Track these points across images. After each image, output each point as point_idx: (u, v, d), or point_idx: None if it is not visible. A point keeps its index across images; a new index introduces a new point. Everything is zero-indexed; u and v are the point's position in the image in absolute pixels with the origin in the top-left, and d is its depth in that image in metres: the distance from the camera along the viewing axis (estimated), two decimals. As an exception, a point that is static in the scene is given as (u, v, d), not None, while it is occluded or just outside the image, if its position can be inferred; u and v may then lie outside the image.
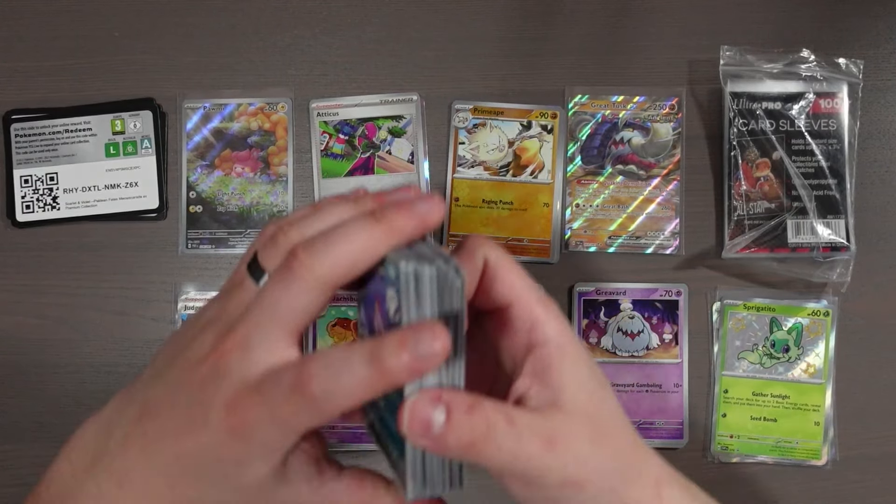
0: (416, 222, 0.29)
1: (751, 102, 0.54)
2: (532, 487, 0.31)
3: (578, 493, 0.31)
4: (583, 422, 0.32)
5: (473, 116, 0.55)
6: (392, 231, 0.29)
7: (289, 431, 0.28)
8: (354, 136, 0.54)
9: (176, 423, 0.30)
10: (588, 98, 0.55)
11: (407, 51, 0.55)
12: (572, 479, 0.30)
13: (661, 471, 0.33)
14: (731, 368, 0.53)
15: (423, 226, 0.29)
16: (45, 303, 0.53)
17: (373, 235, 0.28)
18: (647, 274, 0.54)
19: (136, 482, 0.31)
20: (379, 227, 0.28)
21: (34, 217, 0.54)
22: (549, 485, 0.30)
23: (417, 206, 0.29)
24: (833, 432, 0.53)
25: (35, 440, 0.53)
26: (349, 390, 0.26)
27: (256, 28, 0.55)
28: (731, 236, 0.53)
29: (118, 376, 0.53)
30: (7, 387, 0.53)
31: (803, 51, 0.54)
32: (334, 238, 0.28)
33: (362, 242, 0.28)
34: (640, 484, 0.33)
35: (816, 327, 0.53)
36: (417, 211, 0.29)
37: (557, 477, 0.30)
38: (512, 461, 0.29)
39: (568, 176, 0.55)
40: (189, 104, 0.55)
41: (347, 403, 0.26)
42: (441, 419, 0.27)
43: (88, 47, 0.55)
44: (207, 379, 0.29)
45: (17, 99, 0.54)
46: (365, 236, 0.28)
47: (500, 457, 0.29)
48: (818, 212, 0.53)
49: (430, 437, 0.27)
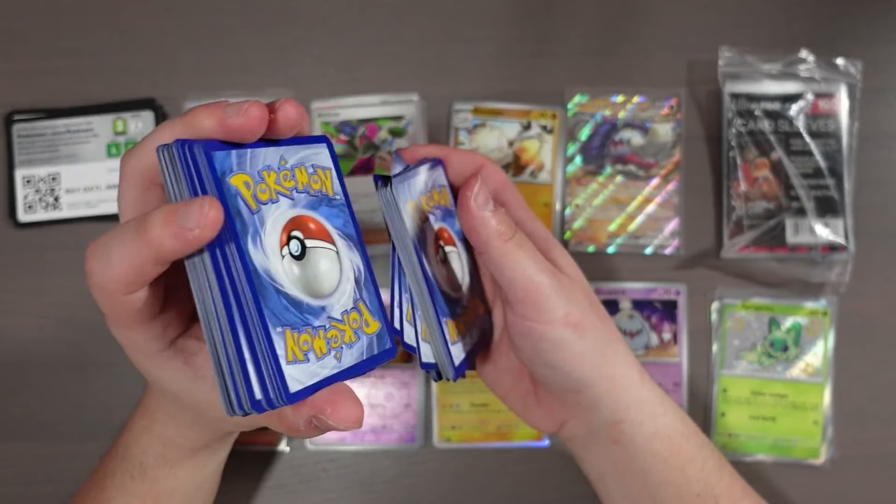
0: (214, 120, 0.28)
1: (749, 103, 0.54)
2: (541, 320, 0.34)
3: (579, 339, 0.35)
4: (581, 287, 0.38)
5: (473, 117, 0.55)
6: (188, 124, 0.28)
7: (112, 320, 0.30)
8: (355, 137, 0.55)
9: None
10: (588, 98, 0.55)
11: (407, 51, 0.56)
12: (574, 319, 0.35)
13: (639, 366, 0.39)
14: (730, 368, 0.54)
15: (225, 128, 0.28)
16: (45, 303, 0.54)
17: (172, 126, 0.28)
18: (647, 274, 0.54)
19: (147, 400, 0.39)
20: (178, 120, 0.28)
21: (36, 217, 0.54)
22: (554, 318, 0.34)
23: (229, 107, 0.28)
24: (831, 431, 0.53)
25: (35, 439, 0.53)
26: (119, 261, 0.27)
27: (257, 28, 0.56)
28: (729, 236, 0.53)
29: (118, 376, 0.53)
30: (7, 387, 0.53)
31: (802, 51, 0.54)
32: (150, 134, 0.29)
33: (160, 132, 0.28)
34: (623, 359, 0.38)
35: (815, 327, 0.53)
36: (221, 110, 0.28)
37: (562, 311, 0.34)
38: (531, 269, 0.34)
39: (567, 176, 0.55)
40: (190, 105, 0.55)
41: (122, 274, 0.27)
42: (491, 205, 0.33)
43: (90, 48, 0.55)
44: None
45: (18, 99, 0.55)
46: (165, 127, 0.28)
47: (522, 253, 0.34)
48: (817, 212, 0.53)
49: (490, 211, 0.33)
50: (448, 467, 0.53)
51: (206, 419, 0.36)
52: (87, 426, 0.53)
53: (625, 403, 0.37)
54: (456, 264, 0.37)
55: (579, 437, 0.39)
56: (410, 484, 0.53)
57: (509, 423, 0.53)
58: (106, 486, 0.39)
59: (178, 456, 0.39)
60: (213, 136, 0.28)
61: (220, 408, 0.28)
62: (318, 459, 0.53)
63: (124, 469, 0.39)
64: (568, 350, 0.35)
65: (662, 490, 0.37)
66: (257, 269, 0.28)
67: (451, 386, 0.53)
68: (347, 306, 0.31)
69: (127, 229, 0.26)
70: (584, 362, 0.35)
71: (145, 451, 0.39)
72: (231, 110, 0.28)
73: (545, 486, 0.53)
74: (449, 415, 0.53)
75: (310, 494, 0.53)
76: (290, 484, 0.53)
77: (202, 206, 0.25)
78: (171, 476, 0.40)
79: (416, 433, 0.53)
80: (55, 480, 0.52)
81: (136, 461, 0.39)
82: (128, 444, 0.39)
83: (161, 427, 0.38)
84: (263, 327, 0.27)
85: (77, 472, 0.52)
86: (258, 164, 0.29)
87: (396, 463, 0.53)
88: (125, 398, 0.53)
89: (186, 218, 0.25)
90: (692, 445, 0.38)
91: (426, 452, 0.53)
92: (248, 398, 0.27)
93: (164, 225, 0.25)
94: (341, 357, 0.30)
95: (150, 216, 0.26)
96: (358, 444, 0.53)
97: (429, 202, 0.37)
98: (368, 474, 0.53)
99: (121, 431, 0.41)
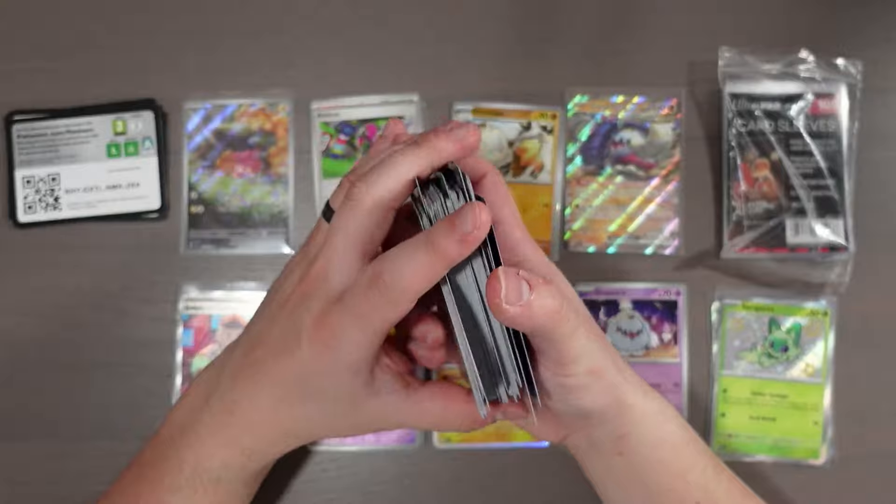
0: (454, 143, 0.34)
1: (749, 103, 0.54)
2: (564, 373, 0.35)
3: (597, 381, 0.36)
4: (586, 319, 0.38)
5: (473, 117, 0.55)
6: (433, 151, 0.34)
7: (370, 330, 0.32)
8: (355, 137, 0.55)
9: (274, 350, 0.35)
10: (588, 99, 0.55)
11: (407, 51, 0.56)
12: (594, 367, 0.35)
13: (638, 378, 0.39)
14: (730, 368, 0.54)
15: (462, 147, 0.34)
16: (45, 303, 0.54)
17: (417, 156, 0.33)
18: (647, 274, 0.54)
19: (245, 409, 0.37)
20: (421, 150, 0.33)
21: (36, 217, 0.54)
22: (579, 372, 0.35)
23: (455, 131, 0.34)
24: (831, 431, 0.53)
25: (35, 439, 0.53)
26: (414, 274, 0.31)
27: (257, 29, 0.56)
28: (730, 236, 0.53)
29: (119, 376, 0.53)
30: (7, 386, 0.53)
31: (802, 52, 0.54)
32: (382, 165, 0.33)
33: (407, 164, 0.33)
34: (629, 381, 0.38)
35: (815, 327, 0.53)
36: (455, 135, 0.34)
37: (585, 366, 0.35)
38: (571, 334, 0.33)
39: (568, 176, 0.55)
40: (190, 105, 0.55)
41: (415, 287, 0.31)
42: (527, 289, 0.30)
43: (90, 48, 0.55)
44: (297, 306, 0.35)
45: (18, 99, 0.55)
46: (410, 158, 0.33)
47: (568, 327, 0.33)
48: (817, 212, 0.53)
49: (522, 303, 0.30)
50: (448, 467, 0.53)
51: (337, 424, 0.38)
52: (87, 426, 0.53)
53: (630, 419, 0.37)
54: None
55: (582, 448, 0.39)
56: (410, 484, 0.53)
57: (509, 424, 0.53)
58: (166, 501, 0.38)
59: (262, 466, 0.40)
60: (452, 156, 0.34)
61: (368, 413, 0.35)
62: (318, 459, 0.53)
63: (195, 484, 0.38)
64: (587, 392, 0.35)
65: (664, 497, 0.37)
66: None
67: (451, 386, 0.53)
68: None
69: (412, 246, 0.31)
70: (600, 398, 0.36)
71: (226, 466, 0.38)
72: (461, 132, 0.34)
73: (545, 486, 0.53)
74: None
75: (310, 495, 0.53)
76: (291, 484, 0.53)
77: (475, 210, 0.29)
78: (245, 486, 0.40)
79: (416, 433, 0.53)
80: (55, 480, 0.52)
81: (212, 476, 0.38)
82: (198, 461, 0.38)
83: (252, 439, 0.38)
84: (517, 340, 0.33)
85: (77, 472, 0.52)
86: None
87: (396, 463, 0.53)
88: (125, 398, 0.53)
89: (465, 222, 0.29)
90: (693, 452, 0.38)
91: (426, 453, 0.53)
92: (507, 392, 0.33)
93: (447, 234, 0.30)
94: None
95: (435, 231, 0.30)
96: (358, 445, 0.53)
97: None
98: (368, 474, 0.53)
99: (175, 447, 0.39)
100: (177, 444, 0.39)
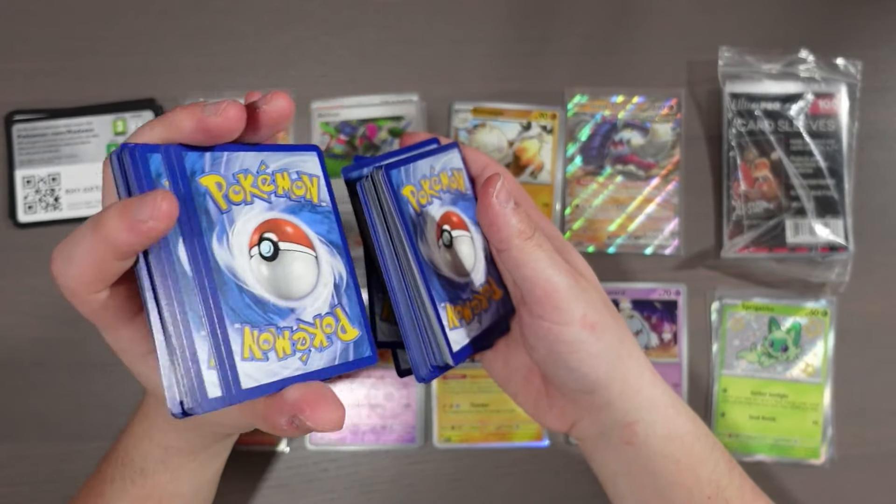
0: (192, 119, 0.29)
1: (749, 103, 0.54)
2: (558, 321, 0.34)
3: (596, 340, 0.35)
4: (596, 288, 0.38)
5: (473, 117, 0.55)
6: (168, 125, 0.29)
7: (93, 321, 0.30)
8: (355, 137, 0.55)
9: None
10: (587, 99, 0.55)
11: (407, 51, 0.56)
12: (591, 320, 0.35)
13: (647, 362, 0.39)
14: (730, 368, 0.54)
15: (201, 124, 0.29)
16: (45, 303, 0.54)
17: (151, 130, 0.29)
18: (647, 274, 0.54)
19: (148, 403, 0.39)
20: (157, 123, 0.29)
21: (36, 217, 0.54)
22: (571, 319, 0.34)
23: (206, 106, 0.29)
24: (831, 431, 0.53)
25: (35, 440, 0.53)
26: (80, 260, 0.27)
27: (257, 29, 0.56)
28: (729, 236, 0.53)
29: (119, 376, 0.53)
30: (7, 386, 0.53)
31: (802, 51, 0.54)
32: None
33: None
34: (636, 360, 0.38)
35: (815, 327, 0.53)
36: (200, 110, 0.29)
37: (580, 312, 0.34)
38: (550, 269, 0.34)
39: (568, 176, 0.55)
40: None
41: (83, 272, 0.27)
42: (513, 203, 0.33)
43: (90, 48, 0.55)
44: None
45: (18, 99, 0.55)
46: (144, 135, 0.29)
47: (542, 253, 0.34)
48: (817, 212, 0.53)
49: (511, 209, 0.33)
50: (448, 467, 0.53)
51: (203, 422, 0.36)
52: (87, 426, 0.53)
53: (638, 404, 0.37)
54: (466, 248, 0.37)
55: (591, 438, 0.39)
56: (410, 484, 0.53)
57: (509, 423, 0.53)
58: (105, 491, 0.39)
59: (180, 461, 0.39)
60: (194, 135, 0.29)
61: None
62: (318, 459, 0.53)
63: (124, 475, 0.39)
64: (584, 351, 0.35)
65: (674, 491, 0.37)
66: (219, 265, 0.28)
67: (451, 386, 0.53)
68: (322, 311, 0.31)
69: (85, 227, 0.27)
70: (600, 363, 0.35)
71: (146, 457, 0.39)
72: (209, 110, 0.28)
73: (545, 486, 0.53)
74: (449, 415, 0.53)
75: (310, 494, 0.53)
76: (290, 484, 0.53)
77: (155, 199, 0.25)
78: (173, 481, 0.40)
79: (416, 433, 0.53)
80: (55, 480, 0.52)
81: (136, 467, 0.39)
82: (127, 450, 0.39)
83: (161, 433, 0.38)
84: (220, 321, 0.28)
85: (77, 472, 0.52)
86: (234, 167, 0.30)
87: (396, 463, 0.53)
88: (125, 398, 0.53)
89: (140, 210, 0.25)
90: (703, 447, 0.38)
91: (426, 452, 0.53)
92: (200, 394, 0.27)
93: (118, 218, 0.25)
94: (308, 360, 0.30)
95: (105, 212, 0.26)
96: (358, 444, 0.53)
97: (434, 186, 0.37)
98: (368, 474, 0.53)
99: (119, 436, 0.41)
100: (119, 437, 0.41)
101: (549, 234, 0.39)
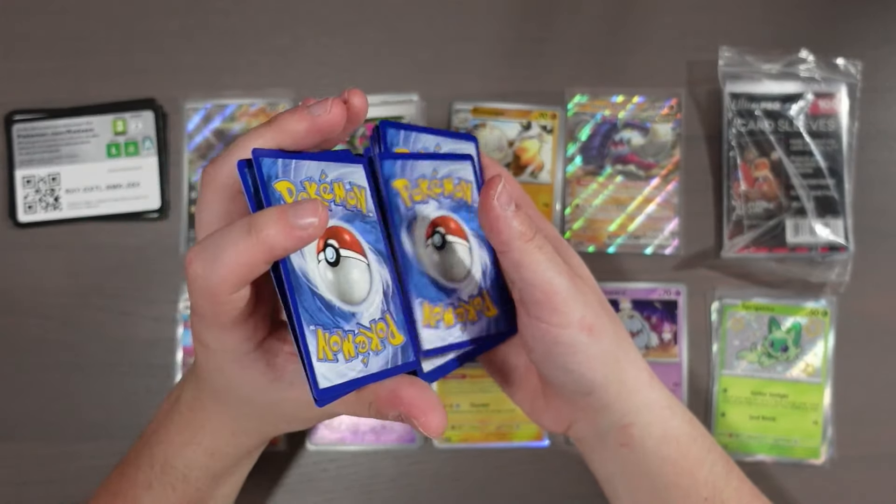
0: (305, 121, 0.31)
1: (749, 103, 0.54)
2: (557, 323, 0.34)
3: (594, 342, 0.35)
4: (594, 290, 0.38)
5: (473, 117, 0.55)
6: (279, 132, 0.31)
7: (210, 322, 0.31)
8: (355, 137, 0.55)
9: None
10: (588, 98, 0.55)
11: (407, 51, 0.56)
12: (589, 323, 0.35)
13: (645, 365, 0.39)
14: (730, 368, 0.54)
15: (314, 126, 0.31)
16: (45, 303, 0.54)
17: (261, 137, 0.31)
18: (647, 274, 0.54)
19: (203, 408, 0.38)
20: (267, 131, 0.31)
21: (36, 217, 0.54)
22: (570, 321, 0.34)
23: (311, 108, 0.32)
24: (831, 431, 0.53)
25: (35, 439, 0.53)
26: (230, 261, 0.28)
27: (257, 29, 0.56)
28: (729, 236, 0.53)
29: (119, 376, 0.53)
30: (7, 387, 0.53)
31: (802, 51, 0.54)
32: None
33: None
34: (633, 362, 0.38)
35: (815, 327, 0.53)
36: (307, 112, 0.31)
37: (578, 314, 0.34)
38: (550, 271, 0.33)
39: (568, 176, 0.55)
40: (190, 105, 0.55)
41: (232, 273, 0.28)
42: (514, 206, 0.32)
43: (90, 48, 0.55)
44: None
45: (18, 99, 0.55)
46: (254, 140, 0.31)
47: (542, 255, 0.33)
48: (817, 212, 0.53)
49: (512, 211, 0.32)
50: (448, 467, 0.53)
51: (273, 419, 0.37)
52: (87, 426, 0.53)
53: (634, 406, 0.37)
54: (459, 256, 0.37)
55: (587, 439, 0.39)
56: (410, 484, 0.53)
57: (509, 423, 0.53)
58: (139, 495, 0.39)
59: (224, 466, 0.40)
60: (305, 138, 0.31)
61: (293, 404, 0.33)
62: (318, 459, 0.53)
63: (164, 481, 0.39)
64: (582, 353, 0.35)
65: (671, 493, 0.37)
66: (295, 269, 0.30)
67: (451, 386, 0.53)
68: (375, 316, 0.33)
69: (236, 231, 0.28)
70: (597, 365, 0.35)
71: (190, 464, 0.39)
72: (317, 109, 0.31)
73: (545, 486, 0.53)
74: (449, 415, 0.53)
75: (310, 494, 0.53)
76: (290, 484, 0.53)
77: (316, 207, 0.27)
78: (215, 485, 0.40)
79: (417, 433, 0.53)
80: (55, 480, 0.52)
81: (178, 473, 0.39)
82: (167, 458, 0.39)
83: (211, 439, 0.38)
84: (299, 324, 0.29)
85: (77, 472, 0.52)
86: (301, 175, 0.31)
87: (396, 463, 0.53)
88: (125, 398, 0.53)
89: (300, 216, 0.27)
90: (700, 448, 0.38)
91: (426, 452, 0.53)
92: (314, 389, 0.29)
93: (277, 223, 0.27)
94: (368, 362, 0.31)
95: (261, 217, 0.27)
96: (358, 445, 0.53)
97: (434, 188, 0.37)
98: (368, 474, 0.53)
99: (149, 445, 0.40)
100: (151, 441, 0.40)
101: (548, 235, 0.39)
